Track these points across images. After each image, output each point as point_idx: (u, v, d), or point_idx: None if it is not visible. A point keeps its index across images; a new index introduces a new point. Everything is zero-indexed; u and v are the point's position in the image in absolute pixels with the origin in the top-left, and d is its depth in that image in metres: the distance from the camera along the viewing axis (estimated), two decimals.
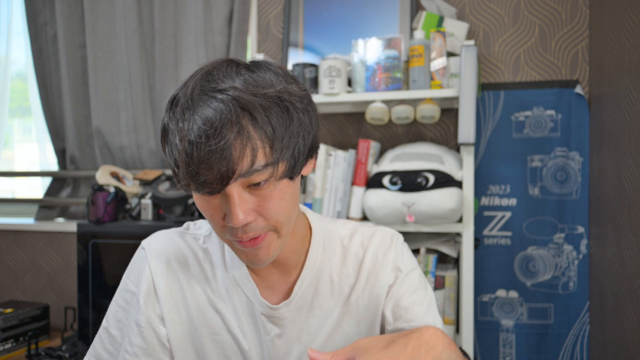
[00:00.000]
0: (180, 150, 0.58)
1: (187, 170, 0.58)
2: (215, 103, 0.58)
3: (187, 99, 0.60)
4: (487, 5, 1.69)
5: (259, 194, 0.61)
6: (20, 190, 2.42)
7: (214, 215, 0.63)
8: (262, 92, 0.59)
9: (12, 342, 1.70)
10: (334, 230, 0.80)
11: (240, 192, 0.60)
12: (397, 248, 0.79)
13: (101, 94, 2.02)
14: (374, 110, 1.53)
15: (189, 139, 0.57)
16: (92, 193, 1.55)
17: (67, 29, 2.04)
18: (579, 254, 1.63)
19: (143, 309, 0.74)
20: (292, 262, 0.75)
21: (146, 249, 0.77)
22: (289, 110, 0.61)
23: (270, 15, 1.90)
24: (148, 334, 0.74)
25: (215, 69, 0.62)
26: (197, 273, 0.76)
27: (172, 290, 0.75)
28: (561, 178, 1.64)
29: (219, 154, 0.56)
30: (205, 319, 0.75)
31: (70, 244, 2.08)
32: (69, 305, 2.04)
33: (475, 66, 1.40)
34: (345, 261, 0.78)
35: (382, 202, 1.42)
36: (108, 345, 0.76)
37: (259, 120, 0.58)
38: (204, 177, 0.58)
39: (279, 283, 0.76)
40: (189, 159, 0.57)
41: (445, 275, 1.52)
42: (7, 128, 2.30)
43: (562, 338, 1.64)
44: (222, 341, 0.74)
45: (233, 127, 0.57)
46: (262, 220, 0.63)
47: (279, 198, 0.63)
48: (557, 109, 1.64)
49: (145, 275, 0.75)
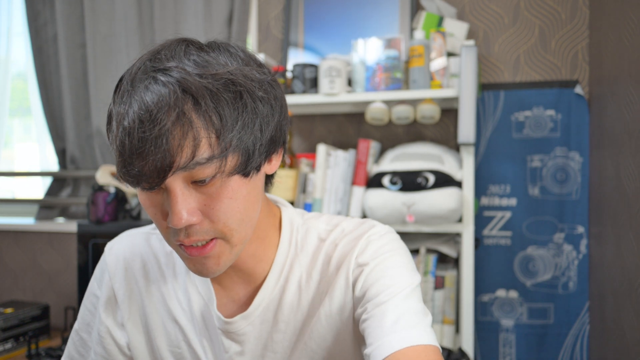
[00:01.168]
0: (113, 138, 0.52)
1: (121, 160, 0.51)
2: (155, 86, 0.50)
3: (128, 81, 0.53)
4: (487, 5, 1.69)
5: (205, 192, 0.53)
6: (21, 190, 2.42)
7: (156, 214, 0.55)
8: (213, 76, 0.52)
9: (12, 342, 1.71)
10: (314, 226, 0.69)
11: (183, 188, 0.52)
12: (362, 242, 0.64)
13: (101, 94, 2.02)
14: (374, 110, 1.53)
15: (124, 125, 0.50)
16: (93, 193, 1.55)
17: (67, 29, 2.04)
18: (579, 254, 1.63)
19: (103, 317, 0.71)
20: (256, 272, 0.66)
21: (106, 253, 0.72)
22: (242, 96, 0.53)
23: (270, 15, 1.90)
24: (108, 344, 0.71)
25: (164, 48, 0.55)
26: (157, 279, 0.69)
27: (130, 298, 0.70)
28: (561, 178, 1.64)
29: (153, 143, 0.49)
30: (164, 330, 0.69)
31: (70, 244, 2.08)
32: (69, 305, 2.04)
33: (475, 66, 1.40)
34: (315, 261, 0.66)
35: (382, 202, 1.42)
36: (80, 347, 0.75)
37: (202, 106, 0.50)
38: (137, 169, 0.50)
39: (242, 293, 0.67)
40: (122, 148, 0.50)
41: (445, 275, 1.53)
42: (7, 128, 2.30)
43: (562, 338, 1.64)
44: (182, 355, 0.68)
45: (171, 112, 0.49)
46: (208, 223, 0.54)
47: (228, 197, 0.54)
48: (557, 109, 1.64)
49: (105, 281, 0.71)
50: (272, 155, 0.59)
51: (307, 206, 1.57)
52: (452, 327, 1.52)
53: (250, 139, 0.54)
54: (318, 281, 0.66)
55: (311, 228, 0.69)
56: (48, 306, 1.86)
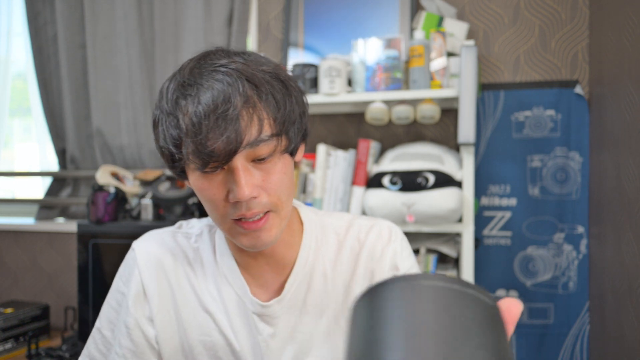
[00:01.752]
0: (186, 124, 0.59)
1: (194, 142, 0.58)
2: (219, 75, 0.59)
3: (187, 78, 0.60)
4: (487, 5, 1.69)
5: (262, 168, 0.62)
6: (21, 190, 2.42)
7: (216, 195, 0.62)
8: (261, 68, 0.61)
9: (12, 342, 1.71)
10: (329, 223, 0.78)
11: (246, 165, 0.61)
12: (396, 244, 0.75)
13: (101, 94, 2.02)
14: (374, 110, 1.53)
15: (196, 110, 0.58)
16: (92, 193, 1.55)
17: (67, 29, 2.04)
18: (579, 254, 1.63)
19: (132, 310, 0.73)
20: (286, 258, 0.73)
21: (135, 250, 0.76)
22: (287, 86, 0.63)
23: (270, 15, 1.90)
24: (136, 336, 0.73)
25: (209, 54, 0.63)
26: (187, 273, 0.74)
27: (161, 291, 0.74)
28: (561, 178, 1.64)
29: (228, 122, 0.57)
30: (195, 320, 0.73)
31: (70, 244, 2.08)
32: (69, 305, 2.04)
33: (475, 66, 1.40)
34: (340, 255, 0.75)
35: (382, 202, 1.42)
36: (100, 346, 0.76)
37: (263, 91, 0.60)
38: (212, 147, 0.57)
39: (271, 281, 0.74)
40: (197, 129, 0.58)
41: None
42: (7, 128, 2.30)
43: (562, 338, 1.64)
44: (213, 342, 0.72)
45: (240, 97, 0.58)
46: (265, 196, 0.62)
47: (282, 173, 0.63)
48: (557, 109, 1.64)
49: (135, 276, 0.74)
50: (302, 142, 0.69)
51: (307, 206, 1.57)
52: None
53: (295, 123, 0.64)
54: (346, 271, 0.74)
55: (327, 224, 0.77)
56: (48, 306, 1.86)
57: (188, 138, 0.58)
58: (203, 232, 0.78)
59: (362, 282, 0.74)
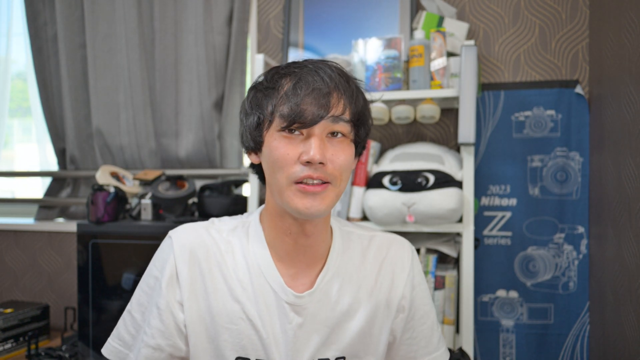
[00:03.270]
0: (285, 90, 0.72)
1: (289, 104, 0.71)
2: (315, 63, 0.74)
3: (283, 68, 0.76)
4: (487, 5, 1.69)
5: (334, 144, 0.73)
6: (20, 190, 2.42)
7: (290, 154, 0.72)
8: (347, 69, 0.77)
9: (12, 342, 1.70)
10: (352, 231, 0.86)
11: (322, 135, 0.72)
12: (415, 263, 0.86)
13: (101, 94, 2.02)
14: (374, 110, 1.53)
15: (296, 82, 0.72)
16: (92, 193, 1.55)
17: (67, 29, 2.04)
18: (579, 254, 1.63)
19: (164, 292, 0.77)
20: (320, 252, 0.81)
21: (172, 238, 0.81)
22: (360, 90, 0.77)
23: (270, 15, 1.90)
24: (166, 317, 0.77)
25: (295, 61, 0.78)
26: (219, 263, 0.79)
27: (193, 278, 0.78)
28: (561, 178, 1.64)
29: (322, 95, 0.71)
30: (224, 308, 0.77)
31: (70, 244, 2.08)
32: (69, 305, 2.04)
33: (475, 66, 1.40)
34: (364, 262, 0.83)
35: (382, 202, 1.42)
36: (130, 327, 0.80)
37: (350, 85, 0.75)
38: (303, 110, 0.70)
39: (302, 274, 0.80)
40: (295, 92, 0.71)
41: (445, 275, 1.52)
42: (7, 128, 2.30)
43: (562, 338, 1.64)
44: (238, 330, 0.77)
45: (334, 82, 0.72)
46: (330, 167, 0.72)
47: (347, 154, 0.74)
48: (557, 109, 1.64)
49: (170, 262, 0.79)
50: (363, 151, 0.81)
51: None
52: (452, 327, 1.51)
53: (365, 124, 0.77)
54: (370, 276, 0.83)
55: (350, 231, 0.86)
56: (48, 306, 1.86)
57: (284, 101, 0.71)
58: (237, 228, 0.83)
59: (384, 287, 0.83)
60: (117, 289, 1.50)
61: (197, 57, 1.89)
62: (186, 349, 0.78)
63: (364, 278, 0.82)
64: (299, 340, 0.77)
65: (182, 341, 0.78)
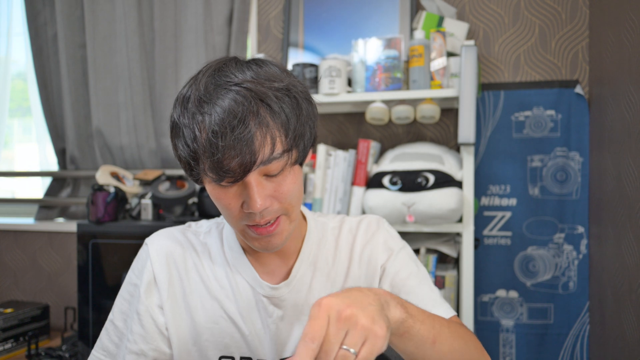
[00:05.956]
0: (202, 142, 0.61)
1: (211, 160, 0.61)
2: (232, 94, 0.61)
3: (203, 94, 0.63)
4: (487, 5, 1.69)
5: (274, 180, 0.66)
6: (20, 190, 2.42)
7: (231, 204, 0.66)
8: (273, 84, 0.63)
9: (12, 342, 1.70)
10: (325, 222, 0.85)
11: (259, 179, 0.64)
12: (385, 230, 0.83)
13: (101, 94, 2.02)
14: (374, 110, 1.53)
15: (213, 129, 0.60)
16: (92, 193, 1.55)
17: (67, 29, 2.04)
18: (579, 254, 1.63)
19: (143, 298, 0.77)
20: (291, 249, 0.79)
21: (148, 244, 0.81)
22: (298, 100, 0.66)
23: (270, 15, 1.90)
24: (146, 322, 0.77)
25: (224, 65, 0.66)
26: (195, 263, 0.80)
27: (171, 282, 0.78)
28: (561, 178, 1.64)
29: (244, 143, 0.60)
30: (203, 308, 0.77)
31: (70, 244, 2.08)
32: (69, 305, 2.04)
33: (475, 66, 1.40)
34: (337, 250, 0.82)
35: (382, 202, 1.42)
36: (113, 336, 0.79)
37: (275, 109, 0.62)
38: (227, 166, 0.61)
39: (278, 269, 0.79)
40: (214, 149, 0.61)
41: (445, 275, 1.52)
42: (7, 128, 2.30)
43: (562, 338, 1.64)
44: (220, 329, 0.77)
45: (254, 118, 0.61)
46: (277, 204, 0.67)
47: (292, 182, 0.67)
48: (557, 109, 1.64)
49: (147, 267, 0.79)
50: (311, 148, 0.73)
51: (308, 206, 1.57)
52: None
53: (305, 135, 0.67)
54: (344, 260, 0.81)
55: (323, 222, 0.85)
56: (48, 306, 1.86)
57: (205, 156, 0.62)
58: (211, 229, 0.83)
59: (358, 268, 0.81)
60: (117, 288, 1.50)
61: (197, 57, 1.89)
62: (170, 352, 0.78)
63: (340, 264, 0.81)
64: (282, 333, 0.77)
65: (165, 344, 0.78)
